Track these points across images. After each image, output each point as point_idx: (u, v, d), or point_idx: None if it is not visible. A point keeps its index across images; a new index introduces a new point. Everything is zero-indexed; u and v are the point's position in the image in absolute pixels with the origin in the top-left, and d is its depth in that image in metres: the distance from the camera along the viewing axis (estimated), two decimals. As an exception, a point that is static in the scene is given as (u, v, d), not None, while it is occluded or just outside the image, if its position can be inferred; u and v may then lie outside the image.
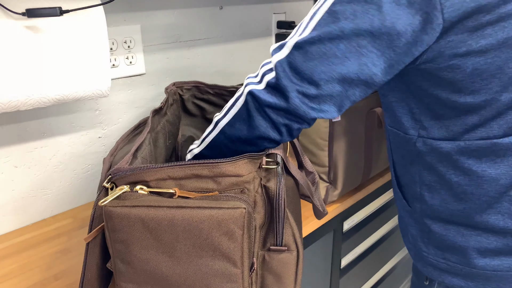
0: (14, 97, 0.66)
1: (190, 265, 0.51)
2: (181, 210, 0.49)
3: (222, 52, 1.15)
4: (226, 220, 0.49)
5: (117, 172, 0.53)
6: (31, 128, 0.84)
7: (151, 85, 1.02)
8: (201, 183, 0.54)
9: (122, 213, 0.49)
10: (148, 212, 0.49)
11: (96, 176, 0.97)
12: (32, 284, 0.71)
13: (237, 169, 0.54)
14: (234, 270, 0.51)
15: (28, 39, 0.66)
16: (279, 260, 0.59)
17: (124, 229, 0.50)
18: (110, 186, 0.54)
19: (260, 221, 0.58)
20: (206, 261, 0.51)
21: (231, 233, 0.50)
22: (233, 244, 0.50)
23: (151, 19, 0.97)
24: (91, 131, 0.94)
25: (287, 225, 0.59)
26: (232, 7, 1.14)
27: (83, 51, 0.71)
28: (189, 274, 0.51)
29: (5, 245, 0.81)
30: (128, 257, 0.51)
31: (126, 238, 0.50)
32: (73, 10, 0.66)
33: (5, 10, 0.63)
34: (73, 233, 0.85)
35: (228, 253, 0.50)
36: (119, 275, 0.52)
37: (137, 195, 0.52)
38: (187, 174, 0.54)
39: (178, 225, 0.49)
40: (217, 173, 0.54)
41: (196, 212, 0.49)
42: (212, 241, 0.50)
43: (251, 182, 0.56)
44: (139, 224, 0.50)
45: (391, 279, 1.32)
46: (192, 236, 0.50)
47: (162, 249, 0.50)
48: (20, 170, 0.85)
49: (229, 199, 0.52)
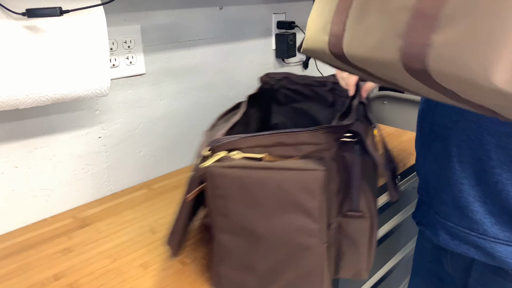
0: (13, 96, 0.66)
1: (277, 219, 0.58)
2: (269, 171, 0.57)
3: (222, 52, 1.15)
4: (307, 180, 0.56)
5: (215, 141, 0.62)
6: (31, 128, 0.84)
7: (151, 85, 1.02)
8: (285, 150, 0.62)
9: (222, 173, 0.58)
10: (243, 172, 0.58)
11: (96, 176, 0.97)
12: (32, 284, 0.71)
13: (316, 138, 0.62)
14: (313, 225, 0.58)
15: (28, 39, 0.66)
16: (355, 226, 0.66)
17: (223, 185, 0.59)
18: (209, 154, 0.63)
19: (335, 187, 0.64)
20: (289, 216, 0.58)
21: (311, 192, 0.57)
22: (313, 202, 0.57)
23: (151, 19, 0.97)
24: (91, 131, 0.94)
25: (363, 194, 0.65)
26: (232, 7, 1.14)
27: (83, 51, 0.71)
28: (274, 227, 0.59)
29: (5, 245, 0.81)
30: (226, 210, 0.60)
31: (225, 194, 0.59)
32: (73, 10, 0.66)
33: (5, 10, 0.63)
34: (73, 233, 0.85)
35: (309, 210, 0.57)
36: (217, 226, 0.61)
37: (233, 159, 0.61)
38: (273, 142, 0.62)
39: (267, 184, 0.57)
40: (299, 141, 0.62)
41: (281, 173, 0.57)
42: (294, 199, 0.57)
43: (328, 150, 0.62)
44: (236, 182, 0.58)
45: (391, 279, 1.32)
46: (278, 193, 0.57)
47: (254, 205, 0.58)
48: (20, 170, 0.85)
49: (309, 163, 0.59)
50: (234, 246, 0.61)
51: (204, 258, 0.76)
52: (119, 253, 0.79)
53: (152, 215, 0.91)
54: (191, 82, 1.10)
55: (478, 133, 0.64)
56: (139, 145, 1.04)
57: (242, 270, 0.62)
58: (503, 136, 0.61)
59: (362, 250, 0.68)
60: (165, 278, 0.72)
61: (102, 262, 0.76)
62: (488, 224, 0.65)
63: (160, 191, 1.02)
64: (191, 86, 1.10)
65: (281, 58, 1.35)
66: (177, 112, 1.09)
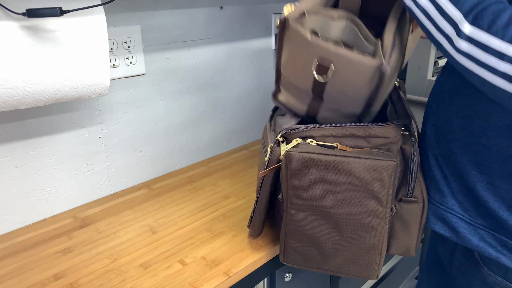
0: (13, 96, 0.66)
1: (346, 201, 0.65)
2: (344, 158, 0.64)
3: (222, 52, 1.15)
4: (379, 168, 0.63)
5: (290, 129, 0.71)
6: (31, 128, 0.84)
7: (151, 85, 1.02)
8: (355, 141, 0.70)
9: (300, 156, 0.65)
10: (319, 157, 0.65)
11: (96, 176, 0.97)
12: (32, 284, 0.71)
13: (386, 132, 0.69)
14: (380, 208, 0.65)
15: (28, 39, 0.66)
16: (408, 210, 0.72)
17: (299, 168, 0.66)
18: (282, 140, 0.72)
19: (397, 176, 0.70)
20: (359, 199, 0.65)
21: (382, 179, 0.64)
22: (382, 188, 0.64)
23: (151, 19, 0.97)
24: (91, 131, 0.94)
25: (417, 181, 0.71)
26: (232, 7, 1.14)
27: (83, 51, 0.71)
28: (344, 207, 0.66)
29: (5, 245, 0.81)
30: (300, 190, 0.67)
31: (301, 176, 0.66)
32: (73, 10, 0.66)
33: (5, 10, 0.63)
34: (73, 233, 0.85)
35: (377, 195, 0.64)
36: (290, 204, 0.69)
37: (308, 145, 0.68)
38: (345, 133, 0.70)
39: (341, 169, 0.64)
40: (370, 134, 0.69)
41: (356, 160, 0.64)
42: (366, 184, 0.64)
43: (395, 143, 0.70)
44: (311, 165, 0.65)
45: (391, 279, 1.32)
46: (351, 178, 0.64)
47: (326, 186, 0.65)
48: (20, 170, 0.85)
49: (380, 154, 0.66)
50: (304, 221, 0.69)
51: (204, 258, 0.77)
52: (119, 253, 0.79)
53: (152, 215, 0.91)
54: (191, 82, 1.10)
55: (448, 116, 0.68)
56: (139, 145, 1.04)
57: (308, 243, 0.70)
58: (466, 118, 0.65)
59: (413, 231, 0.74)
60: (165, 278, 0.72)
61: (102, 262, 0.76)
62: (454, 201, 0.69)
63: (160, 191, 1.02)
64: (191, 86, 1.10)
65: (281, 58, 1.35)
66: (177, 112, 1.09)
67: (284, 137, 0.72)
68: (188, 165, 1.17)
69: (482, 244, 0.66)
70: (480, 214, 0.66)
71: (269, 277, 0.86)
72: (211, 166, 1.15)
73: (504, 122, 0.61)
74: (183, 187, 1.04)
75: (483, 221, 0.66)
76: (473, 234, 0.67)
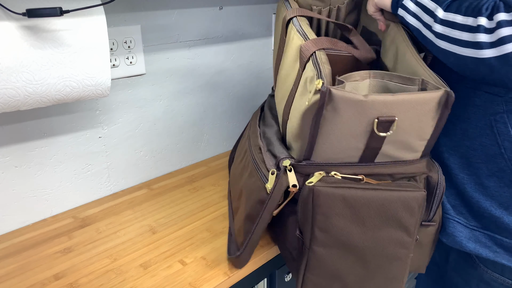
0: (14, 97, 0.66)
1: (375, 233, 0.63)
2: (375, 191, 0.62)
3: (222, 52, 1.15)
4: (410, 199, 0.62)
5: (311, 164, 0.65)
6: (31, 128, 0.84)
7: (151, 85, 1.02)
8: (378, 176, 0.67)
9: (328, 192, 0.61)
10: (349, 192, 0.61)
11: (96, 176, 0.97)
12: (32, 284, 0.71)
13: (413, 169, 0.66)
14: (407, 238, 0.64)
15: (28, 39, 0.66)
16: (424, 231, 0.72)
17: (328, 204, 0.62)
18: (289, 168, 0.66)
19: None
20: (388, 231, 0.63)
21: (412, 210, 0.62)
22: (411, 219, 0.63)
23: (151, 19, 0.97)
24: (91, 131, 0.94)
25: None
26: (232, 7, 1.14)
27: (83, 51, 0.71)
28: (372, 240, 0.63)
29: (5, 245, 0.81)
30: (327, 226, 0.63)
31: (327, 211, 0.62)
32: (73, 10, 0.66)
33: (5, 10, 0.63)
34: (73, 233, 0.85)
35: (406, 225, 0.63)
36: (314, 240, 0.65)
37: (333, 179, 0.64)
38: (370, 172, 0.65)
39: (372, 202, 0.61)
40: (395, 172, 0.66)
41: (388, 193, 0.62)
42: (396, 215, 0.62)
43: (419, 175, 0.67)
44: (340, 200, 0.62)
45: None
46: (382, 211, 0.62)
47: (356, 221, 0.62)
48: (21, 170, 0.85)
49: (408, 185, 0.64)
50: (328, 257, 0.65)
51: (204, 258, 0.77)
52: (119, 253, 0.79)
53: (152, 215, 0.91)
54: (191, 82, 1.10)
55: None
56: (139, 145, 1.04)
57: (330, 278, 0.67)
58: (449, 123, 0.69)
59: (425, 250, 0.74)
60: (165, 278, 0.72)
61: (102, 262, 0.76)
62: (449, 206, 0.72)
63: (160, 191, 1.02)
64: (191, 86, 1.10)
65: (281, 58, 1.35)
66: (177, 112, 1.09)
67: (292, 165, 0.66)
68: (188, 165, 1.17)
69: (479, 247, 0.68)
70: (474, 216, 0.69)
71: (269, 277, 0.86)
72: (211, 166, 1.15)
73: (484, 122, 0.65)
74: (183, 187, 1.04)
75: (477, 222, 0.68)
76: (469, 237, 0.69)
